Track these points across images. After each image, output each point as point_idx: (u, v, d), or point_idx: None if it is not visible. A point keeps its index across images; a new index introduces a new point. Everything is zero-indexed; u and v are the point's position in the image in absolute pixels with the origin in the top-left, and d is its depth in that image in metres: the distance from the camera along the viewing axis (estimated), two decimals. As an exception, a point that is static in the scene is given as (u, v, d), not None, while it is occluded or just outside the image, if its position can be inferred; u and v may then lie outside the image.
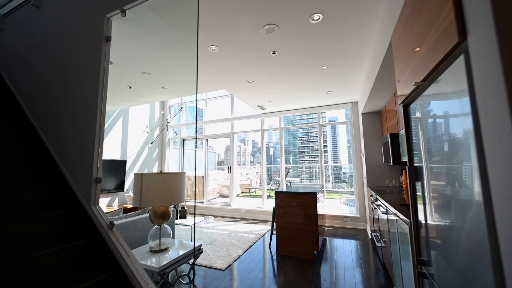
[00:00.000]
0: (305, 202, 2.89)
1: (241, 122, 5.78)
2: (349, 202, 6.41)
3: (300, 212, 2.91)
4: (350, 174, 30.73)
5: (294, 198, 2.97)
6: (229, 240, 3.53)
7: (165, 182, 1.75)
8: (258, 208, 5.05)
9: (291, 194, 3.00)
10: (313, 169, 38.23)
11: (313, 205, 2.85)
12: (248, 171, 8.51)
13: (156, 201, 1.69)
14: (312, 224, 2.84)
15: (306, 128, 60.60)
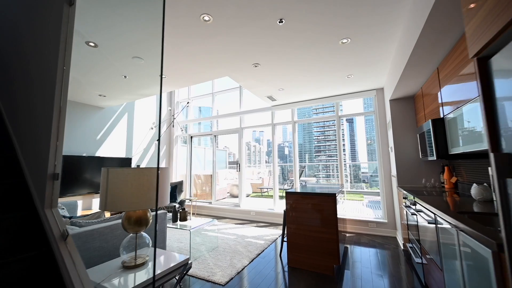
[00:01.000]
0: (323, 205, 2.39)
1: (251, 117, 5.35)
2: (373, 205, 5.73)
3: (316, 217, 2.41)
4: (371, 173, 29.08)
5: (308, 199, 2.48)
6: (235, 247, 3.11)
7: (140, 179, 1.36)
8: (269, 210, 4.59)
9: (305, 195, 2.51)
10: (330, 168, 36.83)
11: (332, 209, 2.34)
12: (260, 169, 8.06)
13: (125, 204, 1.31)
14: (331, 232, 2.33)
15: (322, 122, 58.71)
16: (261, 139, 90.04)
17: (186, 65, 2.82)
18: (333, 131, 62.00)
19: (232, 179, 8.19)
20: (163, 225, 2.08)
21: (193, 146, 6.70)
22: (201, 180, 6.75)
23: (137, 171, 1.36)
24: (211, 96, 5.84)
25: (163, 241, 2.07)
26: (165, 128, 5.94)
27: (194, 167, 6.49)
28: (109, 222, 1.71)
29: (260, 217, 4.63)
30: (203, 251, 2.97)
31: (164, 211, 2.13)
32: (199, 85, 6.43)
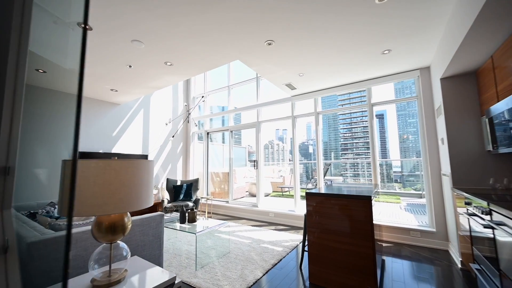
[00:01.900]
0: (354, 210, 1.89)
1: (269, 110, 4.93)
2: (414, 209, 4.92)
3: (345, 224, 1.92)
4: (406, 172, 26.79)
5: (335, 202, 1.99)
6: (248, 253, 2.74)
7: (106, 175, 1.04)
8: (290, 212, 4.13)
9: (330, 197, 2.03)
10: (359, 167, 34.48)
11: (366, 215, 1.83)
12: (281, 167, 7.59)
13: (86, 207, 0.99)
14: (365, 245, 1.82)
15: (348, 119, 55.59)
16: (284, 138, 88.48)
17: (196, 51, 2.50)
18: (361, 127, 58.15)
19: (251, 178, 7.84)
20: (159, 229, 1.79)
21: (212, 142, 6.49)
22: (220, 178, 6.52)
23: (102, 164, 1.04)
24: (227, 90, 5.54)
25: (158, 247, 1.78)
26: (181, 124, 5.80)
27: (212, 165, 6.28)
28: (88, 226, 1.45)
29: (279, 219, 4.20)
30: (213, 256, 2.65)
31: (160, 213, 1.83)
32: (215, 81, 6.19)
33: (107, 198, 1.04)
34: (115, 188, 1.07)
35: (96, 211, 1.02)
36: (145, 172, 1.22)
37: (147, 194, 1.24)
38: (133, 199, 1.14)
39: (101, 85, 3.49)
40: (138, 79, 3.29)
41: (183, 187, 4.67)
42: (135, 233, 1.63)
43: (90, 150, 4.02)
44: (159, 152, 5.24)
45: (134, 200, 1.14)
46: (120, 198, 1.08)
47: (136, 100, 4.85)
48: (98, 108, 4.21)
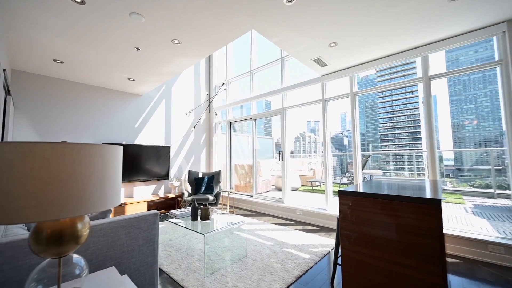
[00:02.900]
0: (412, 218, 1.31)
1: (296, 94, 4.36)
2: (488, 213, 3.89)
3: (397, 238, 1.36)
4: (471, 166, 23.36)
5: (382, 206, 1.43)
6: (268, 259, 2.33)
7: (36, 165, 0.70)
8: (320, 210, 3.58)
9: (374, 199, 1.47)
10: (403, 159, 30.75)
11: (433, 226, 1.24)
12: (312, 159, 6.91)
13: (22, 209, 0.67)
14: (430, 270, 1.24)
15: (389, 107, 50.01)
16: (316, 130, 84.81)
17: (196, 16, 2.11)
18: (404, 116, 51.56)
19: (279, 170, 7.38)
20: (152, 231, 1.48)
21: (236, 133, 6.18)
22: (245, 170, 6.20)
23: (21, 149, 0.71)
24: (249, 76, 5.10)
25: (151, 253, 1.47)
26: (202, 114, 5.58)
27: (236, 156, 5.99)
28: None
29: (307, 217, 3.68)
30: (227, 260, 2.31)
31: (154, 212, 1.52)
32: (237, 68, 5.80)
33: (29, 198, 0.70)
34: (44, 184, 0.72)
35: (9, 218, 0.68)
36: (112, 163, 0.86)
37: (105, 192, 0.88)
38: (75, 199, 0.78)
39: (117, 74, 3.38)
40: (149, 64, 3.07)
41: (204, 179, 4.46)
42: (119, 236, 1.34)
43: (113, 141, 4.03)
44: (181, 143, 5.12)
45: (78, 200, 0.79)
46: (68, 195, 0.74)
47: (157, 91, 4.74)
48: (119, 99, 4.18)
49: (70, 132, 3.60)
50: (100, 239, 1.27)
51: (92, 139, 3.81)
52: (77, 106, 3.69)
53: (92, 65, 3.06)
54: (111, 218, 1.35)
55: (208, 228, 2.30)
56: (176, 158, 5.00)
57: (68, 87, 3.61)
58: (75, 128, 3.65)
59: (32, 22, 2.09)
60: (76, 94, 3.69)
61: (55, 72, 3.28)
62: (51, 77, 3.45)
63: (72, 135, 3.61)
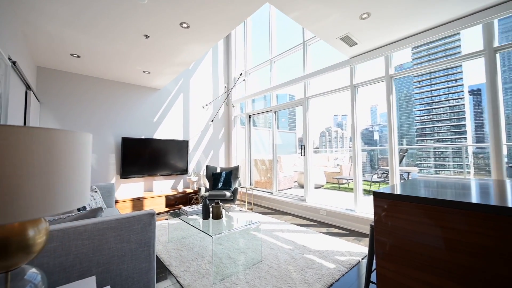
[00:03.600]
0: (484, 236, 0.91)
1: (320, 82, 3.92)
2: None
3: (456, 260, 0.97)
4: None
5: (436, 216, 1.05)
6: (285, 267, 2.04)
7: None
8: (348, 211, 3.17)
9: (423, 205, 1.08)
10: (444, 154, 27.46)
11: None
12: (338, 154, 6.33)
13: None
14: (517, 316, 0.84)
15: (428, 98, 45.03)
16: (343, 124, 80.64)
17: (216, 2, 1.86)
18: (445, 107, 45.87)
19: (301, 166, 6.98)
20: (148, 234, 1.30)
21: (256, 127, 5.93)
22: (265, 166, 5.93)
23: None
24: (268, 65, 4.77)
25: (146, 258, 1.29)
26: (221, 107, 5.41)
27: (257, 151, 5.75)
28: (62, 223, 1.06)
29: (333, 219, 3.29)
30: (240, 265, 2.08)
31: (150, 212, 1.33)
32: (256, 58, 5.49)
33: None
34: (25, 176, 0.53)
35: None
36: (45, 152, 0.65)
37: (53, 191, 0.68)
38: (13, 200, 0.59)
39: (131, 66, 3.32)
40: (160, 53, 2.93)
41: (222, 175, 4.30)
42: (108, 239, 1.17)
43: (132, 136, 4.05)
44: (200, 138, 5.03)
45: (22, 200, 0.59)
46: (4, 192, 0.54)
47: (175, 84, 4.67)
48: (138, 94, 4.18)
49: (93, 127, 3.67)
50: (84, 242, 1.11)
51: (113, 135, 3.86)
52: (99, 102, 3.75)
53: (105, 58, 3.02)
54: (98, 218, 1.19)
55: (219, 229, 2.09)
56: (195, 152, 4.92)
57: (89, 82, 3.67)
58: (97, 124, 3.72)
59: (40, 12, 2.04)
60: (97, 89, 3.74)
61: (75, 67, 3.33)
62: (73, 73, 3.52)
63: (94, 130, 3.68)
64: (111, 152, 3.84)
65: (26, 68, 2.62)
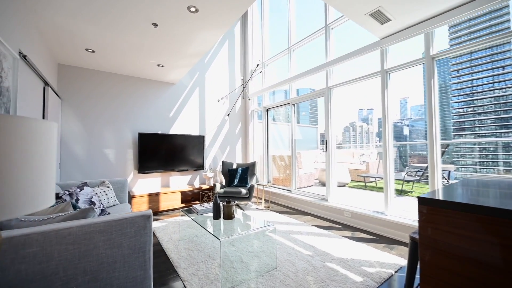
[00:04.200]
0: None
1: (345, 69, 3.54)
2: None
3: None
4: None
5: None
6: (303, 277, 1.80)
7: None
8: (377, 214, 2.80)
9: (497, 218, 0.77)
10: (487, 151, 24.37)
11: None
12: (364, 150, 5.79)
13: None
14: None
15: (469, 88, 40.05)
16: (369, 119, 75.82)
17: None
18: (490, 98, 40.27)
19: (323, 162, 6.57)
20: (143, 238, 1.14)
21: (275, 122, 5.67)
22: (285, 162, 5.66)
23: None
24: (287, 54, 4.45)
25: (141, 266, 1.14)
26: (238, 101, 5.23)
27: (275, 147, 5.50)
28: (52, 224, 0.94)
29: (359, 222, 2.95)
30: (252, 271, 1.88)
31: (145, 213, 1.17)
32: (274, 48, 5.18)
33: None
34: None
35: None
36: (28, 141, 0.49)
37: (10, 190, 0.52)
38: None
39: (144, 59, 3.25)
40: (171, 44, 2.79)
41: (238, 171, 4.13)
42: (96, 244, 1.03)
43: (149, 131, 4.05)
44: (216, 133, 4.91)
45: None
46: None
47: (191, 78, 4.58)
48: (154, 89, 4.15)
49: (111, 123, 3.71)
50: (68, 247, 0.98)
51: (130, 130, 3.88)
52: (116, 98, 3.77)
53: (118, 51, 2.97)
54: (84, 220, 1.05)
55: (230, 230, 1.91)
56: (211, 148, 4.82)
57: (107, 79, 3.70)
58: (115, 119, 3.75)
59: (48, 2, 1.99)
60: (114, 85, 3.77)
61: (92, 63, 3.35)
62: (91, 69, 3.56)
63: (112, 126, 3.72)
64: (129, 147, 3.86)
65: (43, 64, 2.66)
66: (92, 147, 3.56)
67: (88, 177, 3.49)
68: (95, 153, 3.57)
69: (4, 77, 1.64)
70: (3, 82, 1.62)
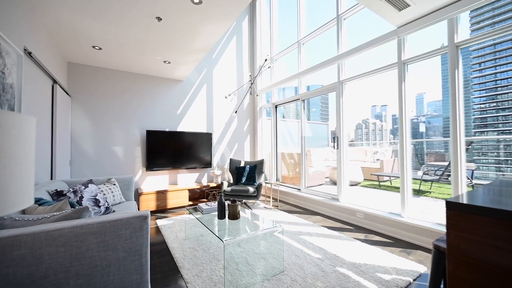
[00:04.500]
0: None
1: (358, 61, 3.34)
2: None
3: None
4: None
5: None
6: (312, 283, 1.69)
7: None
8: (393, 216, 2.63)
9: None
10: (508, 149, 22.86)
11: None
12: (378, 148, 5.51)
13: None
14: None
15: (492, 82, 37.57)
16: (383, 115, 73.23)
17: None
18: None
19: (334, 160, 6.37)
20: (139, 240, 1.07)
21: (284, 119, 5.54)
22: (294, 159, 5.52)
23: None
24: (296, 48, 4.29)
25: (137, 269, 1.07)
26: (246, 97, 5.13)
27: (284, 144, 5.38)
28: (43, 225, 0.89)
29: (373, 224, 2.78)
30: (258, 274, 1.79)
31: (142, 214, 1.10)
32: (284, 42, 5.02)
33: None
34: None
35: None
36: None
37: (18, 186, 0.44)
38: None
39: (151, 56, 3.22)
40: (176, 39, 2.73)
41: (245, 169, 4.05)
42: (89, 246, 0.97)
43: (156, 128, 4.04)
44: (224, 130, 4.84)
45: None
46: None
47: (198, 75, 4.53)
48: (161, 86, 4.13)
49: (119, 120, 3.73)
50: (59, 249, 0.92)
51: (138, 127, 3.89)
52: (124, 95, 3.78)
53: (124, 47, 2.94)
54: (76, 221, 1.00)
55: (234, 231, 1.82)
56: (219, 145, 4.76)
57: (115, 76, 3.71)
58: (123, 117, 3.77)
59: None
60: (122, 83, 3.78)
61: (100, 61, 3.36)
62: (99, 67, 3.58)
63: (120, 123, 3.74)
64: (137, 145, 3.87)
65: (52, 62, 2.68)
66: (101, 145, 3.60)
67: (98, 174, 3.53)
68: (104, 150, 3.61)
69: (8, 74, 1.63)
70: (6, 79, 1.61)
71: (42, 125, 2.39)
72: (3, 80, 1.56)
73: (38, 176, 2.28)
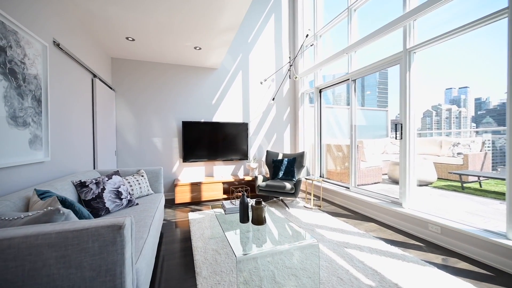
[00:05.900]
0: None
1: (431, 20, 2.44)
2: None
3: None
4: None
5: None
6: (361, 327, 1.19)
7: None
8: (490, 235, 1.81)
9: None
10: None
11: None
12: (460, 139, 4.12)
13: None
14: None
15: None
16: (462, 100, 59.60)
17: None
18: None
19: (394, 154, 5.25)
20: (112, 257, 0.81)
21: (331, 105, 4.81)
22: (343, 152, 4.76)
23: None
24: (346, 17, 3.50)
25: None
26: (284, 82, 4.60)
27: (331, 134, 4.68)
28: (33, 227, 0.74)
29: (456, 242, 2.00)
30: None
31: (113, 223, 0.84)
32: (328, 15, 4.22)
33: None
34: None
35: None
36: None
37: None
38: None
39: (181, 43, 3.07)
40: (201, 17, 2.45)
41: (283, 162, 3.62)
42: (45, 262, 0.76)
43: (191, 119, 3.98)
44: (261, 120, 4.49)
45: None
46: None
47: (233, 62, 4.25)
48: (196, 75, 4.02)
49: (157, 112, 3.79)
50: (8, 264, 0.73)
51: (175, 119, 3.89)
52: (161, 87, 3.81)
53: (151, 34, 2.82)
54: (31, 227, 0.79)
55: (255, 241, 1.46)
56: (256, 136, 4.44)
57: (151, 68, 3.76)
58: (161, 109, 3.81)
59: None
60: (158, 75, 3.80)
61: (136, 53, 3.41)
62: (136, 60, 3.66)
63: (159, 115, 3.80)
64: (174, 136, 3.89)
65: (91, 56, 2.78)
66: (143, 136, 3.73)
67: (139, 164, 3.69)
68: (145, 142, 3.73)
69: (30, 64, 1.63)
70: (28, 69, 1.60)
71: (82, 117, 2.50)
72: (23, 70, 1.55)
73: (79, 165, 2.39)
